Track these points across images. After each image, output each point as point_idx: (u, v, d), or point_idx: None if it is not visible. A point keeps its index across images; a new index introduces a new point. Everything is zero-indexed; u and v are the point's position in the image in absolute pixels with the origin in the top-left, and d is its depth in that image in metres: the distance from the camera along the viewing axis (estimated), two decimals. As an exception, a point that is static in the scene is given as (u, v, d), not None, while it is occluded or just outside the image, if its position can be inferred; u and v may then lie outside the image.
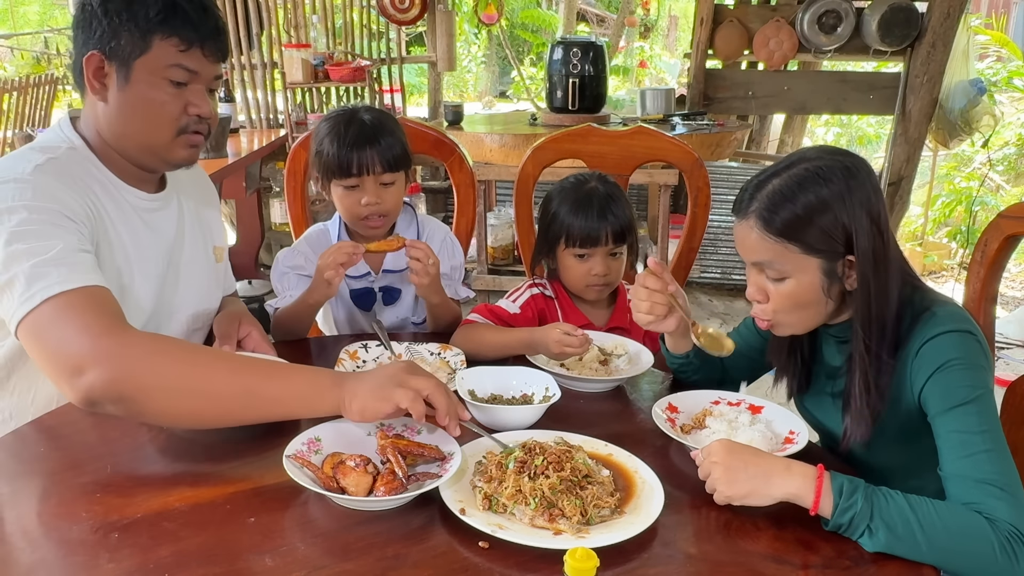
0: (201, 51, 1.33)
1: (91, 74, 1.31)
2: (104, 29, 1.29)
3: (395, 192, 1.66)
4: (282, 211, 4.55)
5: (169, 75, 1.32)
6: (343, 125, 1.62)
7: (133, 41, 1.29)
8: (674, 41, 11.80)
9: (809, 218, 1.12)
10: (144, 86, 1.32)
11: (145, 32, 1.29)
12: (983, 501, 1.02)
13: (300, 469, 1.07)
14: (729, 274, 4.64)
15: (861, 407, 1.16)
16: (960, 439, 1.07)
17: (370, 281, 1.76)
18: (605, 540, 0.96)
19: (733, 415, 1.30)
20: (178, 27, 1.30)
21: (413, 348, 1.54)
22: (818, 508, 1.02)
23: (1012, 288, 4.95)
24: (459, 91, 10.93)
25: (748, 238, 1.17)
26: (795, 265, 1.15)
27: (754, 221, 1.16)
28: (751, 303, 1.24)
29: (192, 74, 1.33)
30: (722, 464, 1.05)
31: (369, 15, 4.62)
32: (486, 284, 3.96)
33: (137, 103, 1.33)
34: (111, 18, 1.28)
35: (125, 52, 1.30)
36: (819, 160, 1.15)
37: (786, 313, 1.19)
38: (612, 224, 1.63)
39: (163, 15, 1.29)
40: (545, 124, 4.05)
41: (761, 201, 1.15)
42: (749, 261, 1.20)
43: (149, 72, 1.31)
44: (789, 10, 4.61)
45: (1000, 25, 8.76)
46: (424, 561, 0.95)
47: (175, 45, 1.30)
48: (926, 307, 1.16)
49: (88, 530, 0.99)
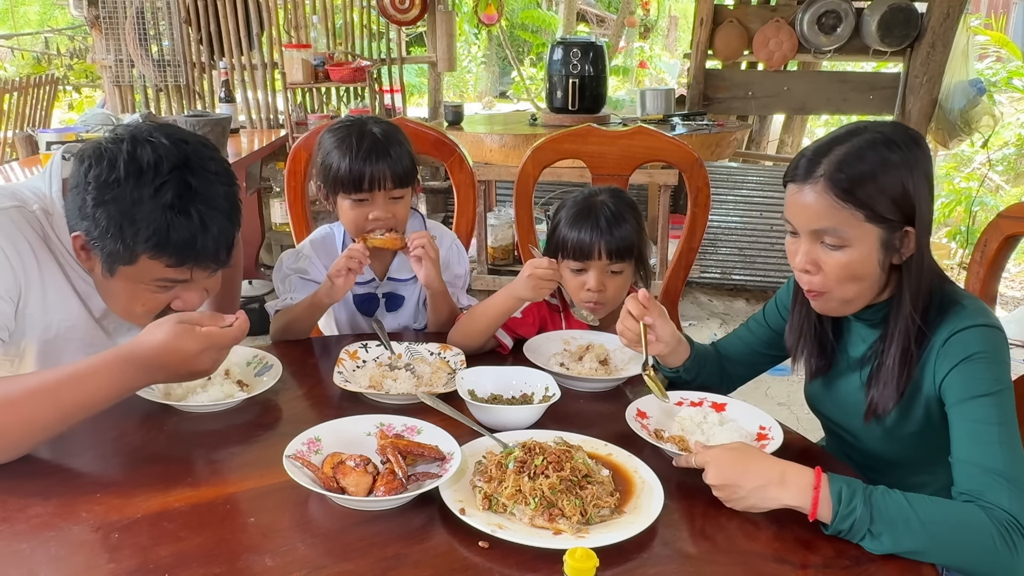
0: (193, 267, 1.23)
1: (78, 248, 1.24)
2: (91, 224, 1.18)
3: (403, 206, 1.65)
4: (282, 211, 4.55)
5: (155, 284, 1.24)
6: (355, 138, 1.59)
7: (119, 252, 1.19)
8: (674, 41, 11.80)
9: (881, 185, 1.11)
10: (126, 286, 1.24)
11: (131, 249, 1.18)
12: (987, 489, 1.02)
13: (300, 469, 1.07)
14: (729, 274, 4.63)
15: (891, 379, 1.17)
16: (976, 428, 1.08)
17: (374, 287, 1.76)
18: (605, 540, 0.96)
19: (700, 416, 1.29)
20: (169, 250, 1.19)
21: (413, 348, 1.54)
22: (817, 515, 1.02)
23: (1012, 288, 4.95)
24: (459, 91, 10.92)
25: (813, 203, 1.14)
26: (857, 233, 1.13)
27: (823, 185, 1.13)
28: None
29: (181, 282, 1.25)
30: (719, 487, 1.06)
31: (369, 15, 4.62)
32: (486, 284, 3.96)
33: (117, 294, 1.27)
34: (99, 222, 1.17)
35: (110, 256, 1.20)
36: (884, 129, 1.15)
37: (840, 284, 1.17)
38: (609, 241, 1.57)
39: (154, 241, 1.17)
40: (545, 124, 4.05)
41: (831, 165, 1.13)
42: (809, 228, 1.17)
43: (133, 280, 1.23)
44: (789, 10, 4.61)
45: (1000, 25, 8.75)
46: (424, 561, 0.95)
47: (163, 262, 1.20)
48: (955, 299, 1.17)
49: (88, 530, 0.99)
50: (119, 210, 1.16)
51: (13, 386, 1.11)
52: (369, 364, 1.49)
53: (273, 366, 1.41)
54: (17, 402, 1.09)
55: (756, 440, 1.24)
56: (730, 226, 4.60)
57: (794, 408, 3.29)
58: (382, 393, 1.35)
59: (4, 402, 1.09)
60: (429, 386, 1.39)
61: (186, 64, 4.56)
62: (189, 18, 4.50)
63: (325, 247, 1.74)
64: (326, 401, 1.40)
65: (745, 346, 1.49)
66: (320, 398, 1.42)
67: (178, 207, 1.16)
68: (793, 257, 1.21)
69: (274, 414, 1.33)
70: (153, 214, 1.15)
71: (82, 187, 1.18)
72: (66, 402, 1.11)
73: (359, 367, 1.47)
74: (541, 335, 1.62)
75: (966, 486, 1.05)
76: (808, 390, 1.40)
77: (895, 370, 1.17)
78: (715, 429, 1.25)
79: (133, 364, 1.13)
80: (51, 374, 1.12)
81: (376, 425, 1.20)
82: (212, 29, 4.51)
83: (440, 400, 1.27)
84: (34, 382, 1.12)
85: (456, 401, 1.29)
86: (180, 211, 1.16)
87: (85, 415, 1.13)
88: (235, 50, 4.53)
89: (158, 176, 1.16)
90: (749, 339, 1.48)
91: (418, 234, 1.60)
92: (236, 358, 1.42)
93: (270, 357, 1.44)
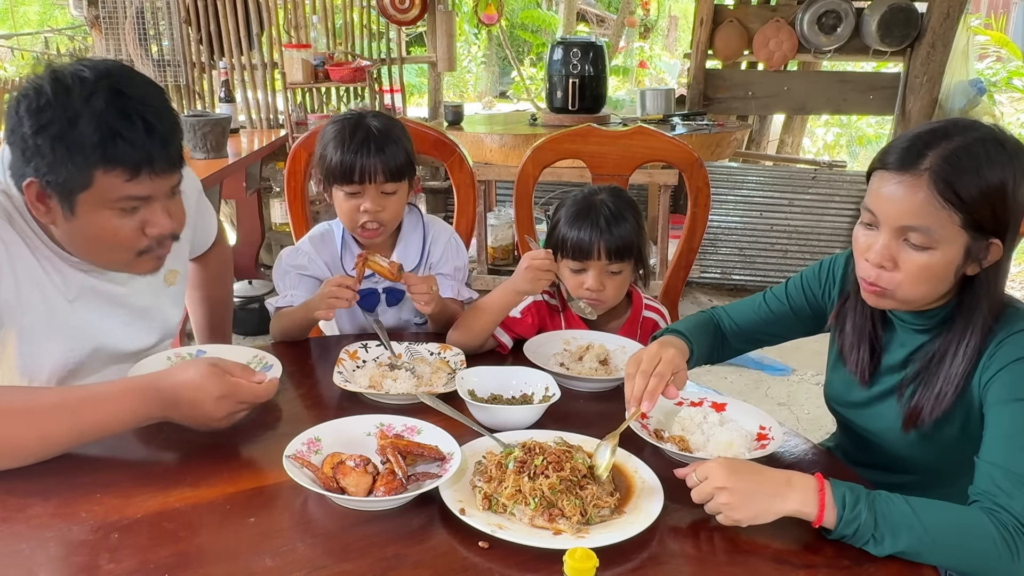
0: (150, 174, 1.19)
1: (33, 199, 1.21)
2: (39, 161, 1.16)
3: (396, 201, 1.66)
4: (282, 211, 4.55)
5: (118, 206, 1.21)
6: (349, 130, 1.61)
7: (72, 177, 1.16)
8: (674, 41, 11.79)
9: (987, 191, 1.04)
10: (91, 218, 1.21)
11: (84, 167, 1.15)
12: (1003, 491, 1.01)
13: (300, 469, 1.07)
14: (729, 274, 4.63)
15: (950, 388, 1.13)
16: (1012, 431, 1.05)
17: (374, 282, 1.76)
18: (605, 540, 0.96)
19: (700, 416, 1.29)
20: (120, 158, 1.16)
21: (413, 348, 1.54)
22: (822, 521, 1.01)
23: (1012, 288, 4.95)
24: (459, 91, 10.92)
25: (911, 198, 1.06)
26: (946, 236, 1.06)
27: (927, 180, 1.05)
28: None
29: (143, 200, 1.22)
30: (729, 489, 1.01)
31: (369, 15, 4.62)
32: (486, 284, 3.96)
33: (88, 234, 1.23)
34: (44, 152, 1.15)
35: (66, 187, 1.17)
36: (993, 130, 1.07)
37: (912, 285, 1.11)
38: (608, 240, 1.57)
39: (102, 148, 1.14)
40: (545, 124, 4.05)
41: (939, 159, 1.05)
42: (897, 224, 1.09)
43: (95, 205, 1.20)
44: (789, 10, 4.61)
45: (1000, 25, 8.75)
46: (424, 561, 0.95)
47: (119, 175, 1.17)
48: (1008, 302, 1.14)
49: (88, 530, 0.99)
50: (59, 130, 1.14)
51: (36, 399, 1.15)
52: (369, 364, 1.49)
53: (273, 366, 1.41)
54: (38, 415, 1.12)
55: (756, 440, 1.24)
56: (730, 226, 4.60)
57: (794, 408, 3.29)
58: (382, 393, 1.35)
59: (25, 413, 1.12)
60: (429, 386, 1.39)
61: (186, 64, 4.56)
62: (189, 18, 4.50)
63: (324, 243, 1.74)
64: (326, 401, 1.40)
65: (760, 321, 1.45)
66: (320, 398, 1.42)
67: (115, 110, 1.15)
68: (866, 250, 1.13)
69: (274, 414, 1.33)
70: (92, 123, 1.14)
71: (18, 127, 1.17)
72: (85, 422, 1.14)
73: (359, 367, 1.47)
74: (541, 335, 1.61)
75: (984, 486, 1.03)
76: (830, 391, 1.37)
77: (956, 380, 1.12)
78: (715, 429, 1.25)
79: (156, 393, 1.16)
80: (74, 392, 1.17)
81: (376, 425, 1.20)
82: (212, 29, 4.50)
83: (440, 400, 1.27)
84: (57, 398, 1.16)
85: (456, 401, 1.29)
86: (119, 114, 1.15)
87: (100, 436, 1.16)
88: (235, 50, 4.53)
89: (84, 87, 1.15)
90: (765, 314, 1.44)
91: (420, 285, 1.56)
92: (237, 358, 1.42)
93: (270, 357, 1.43)
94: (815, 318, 1.41)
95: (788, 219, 4.55)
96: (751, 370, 3.57)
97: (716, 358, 1.48)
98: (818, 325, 1.41)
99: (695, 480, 1.05)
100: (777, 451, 1.21)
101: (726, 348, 1.48)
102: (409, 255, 1.74)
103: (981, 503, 1.03)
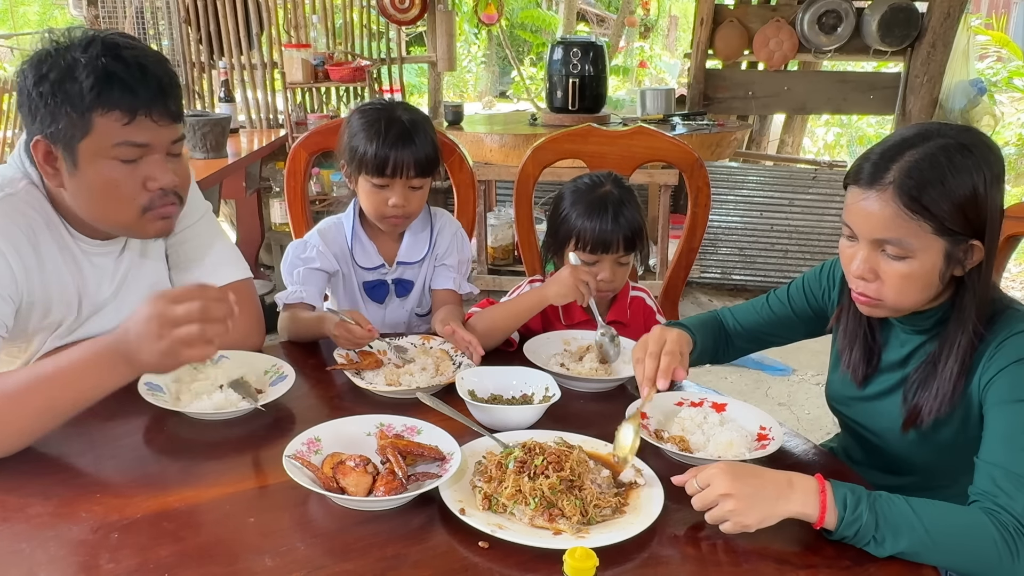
0: (149, 118, 1.21)
1: (41, 160, 1.23)
2: (42, 112, 1.19)
3: (421, 195, 1.68)
4: (282, 211, 4.55)
5: (117, 154, 1.21)
6: (385, 124, 1.61)
7: (72, 123, 1.19)
8: (674, 41, 11.80)
9: (953, 197, 1.05)
10: (94, 169, 1.22)
11: (82, 111, 1.18)
12: (1004, 492, 1.01)
13: (300, 469, 1.07)
14: (729, 274, 4.63)
15: (948, 389, 1.13)
16: (1012, 431, 1.05)
17: (383, 273, 1.75)
18: (605, 540, 0.96)
19: (700, 416, 1.29)
20: (116, 98, 1.18)
21: (413, 340, 1.57)
22: (824, 523, 1.01)
23: (1012, 288, 4.94)
24: (459, 91, 10.92)
25: (879, 212, 1.08)
26: (922, 244, 1.08)
27: (892, 194, 1.06)
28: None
29: (143, 147, 1.23)
30: (734, 495, 0.99)
31: (369, 15, 4.62)
32: (486, 284, 3.96)
33: (92, 188, 1.24)
34: (46, 100, 1.18)
35: (67, 135, 1.20)
36: (958, 135, 1.08)
37: (897, 293, 1.12)
38: (624, 230, 1.61)
39: (97, 88, 1.17)
40: (545, 124, 4.05)
41: (901, 173, 1.06)
42: (871, 237, 1.11)
43: (95, 154, 1.21)
44: (789, 10, 4.61)
45: (1000, 25, 8.76)
46: (424, 561, 0.95)
47: (117, 119, 1.19)
48: (1007, 304, 1.15)
49: (88, 530, 0.99)
50: (58, 75, 1.18)
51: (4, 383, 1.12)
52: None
53: (287, 376, 1.38)
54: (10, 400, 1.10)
55: (756, 440, 1.24)
56: (730, 226, 4.60)
57: (794, 408, 3.29)
58: (387, 387, 1.37)
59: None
60: (438, 375, 1.41)
61: (186, 64, 4.56)
62: (189, 18, 4.50)
63: (334, 236, 1.74)
64: (326, 401, 1.40)
65: (763, 322, 1.46)
66: (320, 398, 1.42)
67: (112, 54, 1.19)
68: (849, 262, 1.15)
69: (274, 414, 1.32)
70: (88, 67, 1.18)
71: (23, 87, 1.21)
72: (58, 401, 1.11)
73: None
74: (542, 335, 1.62)
75: (984, 487, 1.03)
76: (831, 391, 1.37)
77: (952, 380, 1.13)
78: (715, 429, 1.25)
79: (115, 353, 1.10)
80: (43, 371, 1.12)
81: (376, 425, 1.20)
82: (212, 29, 4.50)
83: (440, 400, 1.27)
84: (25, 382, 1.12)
85: (456, 401, 1.29)
86: (115, 58, 1.19)
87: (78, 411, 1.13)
88: (235, 50, 4.53)
89: (83, 39, 1.20)
90: (768, 316, 1.45)
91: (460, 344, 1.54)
92: (256, 366, 1.42)
93: (286, 367, 1.41)
94: (816, 320, 1.42)
95: (788, 219, 4.55)
96: (751, 370, 3.57)
97: (720, 356, 1.48)
98: (820, 327, 1.42)
99: (695, 487, 1.04)
100: (778, 452, 1.21)
101: (730, 347, 1.49)
102: (416, 246, 1.75)
103: (981, 503, 1.02)
